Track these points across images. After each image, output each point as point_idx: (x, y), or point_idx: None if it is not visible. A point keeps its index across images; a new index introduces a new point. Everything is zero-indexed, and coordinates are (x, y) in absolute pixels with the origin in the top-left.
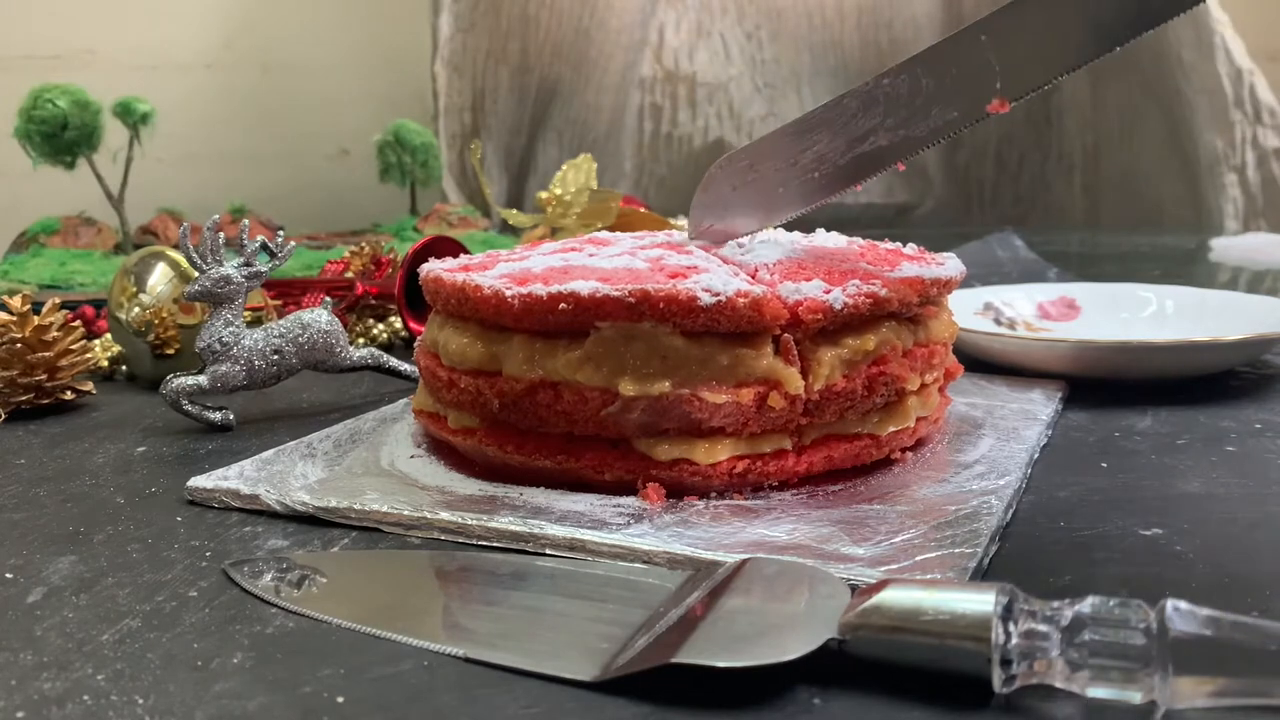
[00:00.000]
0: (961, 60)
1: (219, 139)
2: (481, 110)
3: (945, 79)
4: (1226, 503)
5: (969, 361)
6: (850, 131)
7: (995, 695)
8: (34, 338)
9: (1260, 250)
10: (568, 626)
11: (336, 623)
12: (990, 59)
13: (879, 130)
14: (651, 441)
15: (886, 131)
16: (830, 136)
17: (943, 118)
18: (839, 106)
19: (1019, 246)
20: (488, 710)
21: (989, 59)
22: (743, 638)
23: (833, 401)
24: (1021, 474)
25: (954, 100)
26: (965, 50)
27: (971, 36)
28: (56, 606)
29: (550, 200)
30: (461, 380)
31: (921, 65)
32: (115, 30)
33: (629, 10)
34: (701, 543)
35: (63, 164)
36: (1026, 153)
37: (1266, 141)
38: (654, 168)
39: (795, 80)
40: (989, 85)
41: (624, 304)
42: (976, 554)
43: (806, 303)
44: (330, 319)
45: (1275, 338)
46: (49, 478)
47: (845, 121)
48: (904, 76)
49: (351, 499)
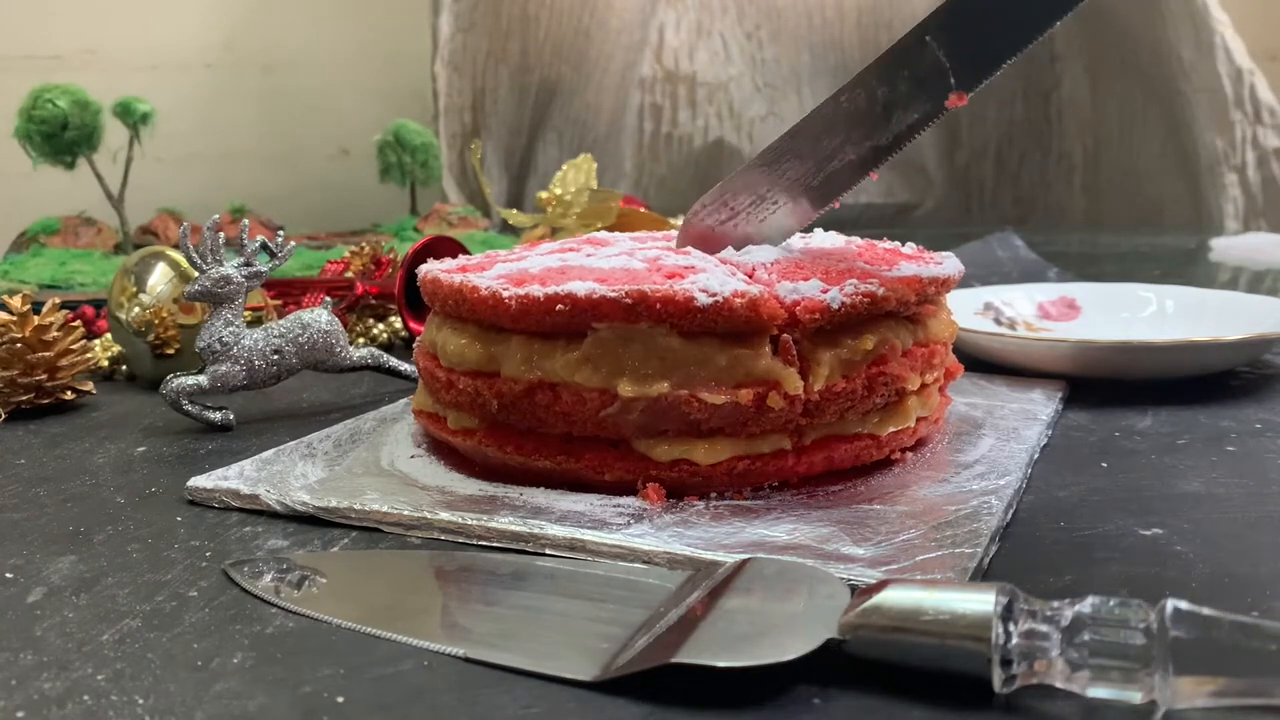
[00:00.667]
0: (912, 63)
1: (219, 139)
2: (481, 110)
3: (899, 84)
4: (1226, 503)
5: (969, 361)
6: (818, 153)
7: (995, 695)
8: (34, 338)
9: (1260, 250)
10: (568, 626)
11: (336, 623)
12: (939, 56)
13: (845, 146)
14: (651, 442)
15: (853, 145)
16: (799, 161)
17: (905, 122)
18: (803, 132)
19: (1019, 246)
20: (488, 710)
21: (938, 56)
22: (743, 638)
23: (832, 402)
24: (1021, 474)
25: (911, 103)
26: (913, 52)
27: (916, 38)
28: (56, 606)
29: (550, 200)
30: (460, 381)
31: (874, 75)
32: (115, 30)
33: (629, 10)
34: (701, 543)
35: (63, 164)
36: (1026, 153)
37: (1266, 141)
38: (654, 168)
39: (795, 80)
40: (943, 81)
41: (621, 305)
42: (976, 554)
43: (804, 302)
44: (330, 319)
45: (1275, 338)
46: (49, 478)
47: (811, 144)
48: (859, 90)
49: (351, 499)
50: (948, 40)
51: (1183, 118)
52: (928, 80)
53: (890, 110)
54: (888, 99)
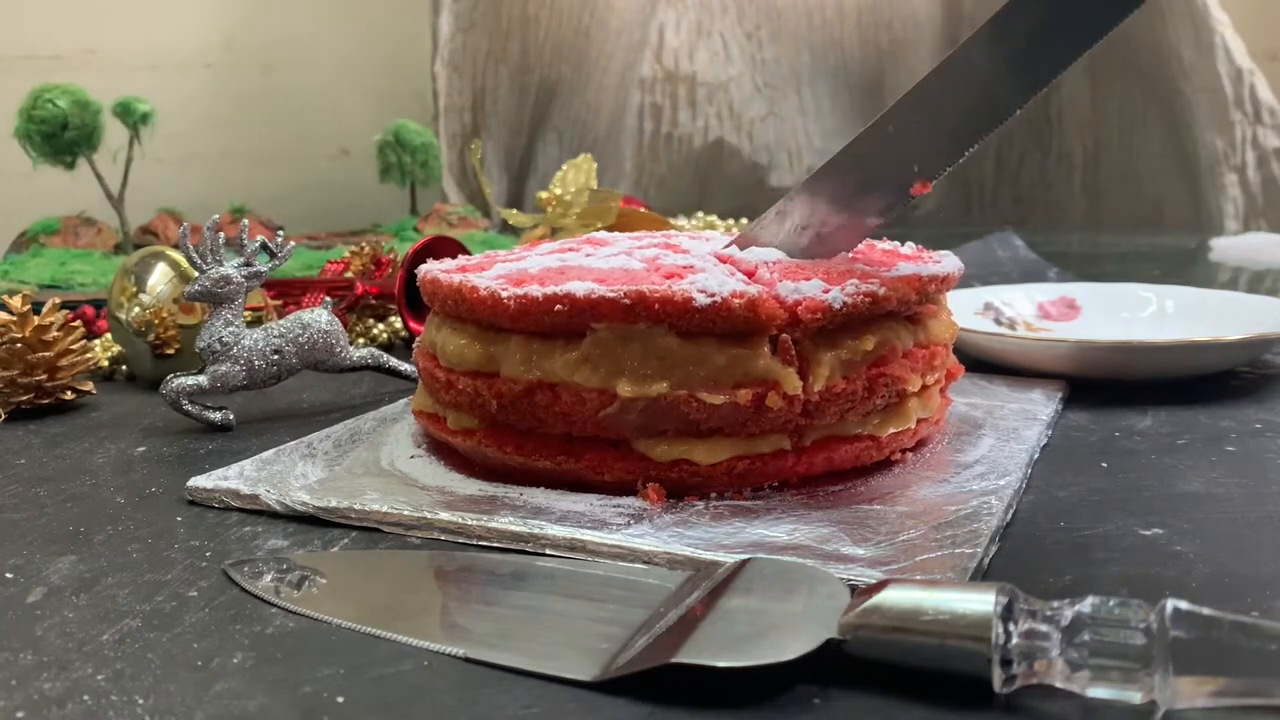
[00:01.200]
0: (877, 153)
1: (219, 139)
2: (481, 110)
3: (868, 172)
4: (1226, 503)
5: (969, 361)
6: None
7: (995, 695)
8: (34, 338)
9: (1260, 250)
10: (568, 626)
11: (336, 623)
12: (903, 148)
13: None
14: (651, 442)
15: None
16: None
17: (875, 206)
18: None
19: (1019, 246)
20: (488, 710)
21: (902, 148)
22: (743, 638)
23: (832, 403)
24: (1022, 474)
25: (879, 189)
26: (878, 143)
27: (880, 129)
28: (56, 606)
29: (550, 200)
30: (460, 381)
31: (845, 160)
32: (115, 30)
33: (629, 10)
34: (701, 543)
35: (63, 164)
36: (1026, 153)
37: (1266, 141)
38: (654, 168)
39: (795, 80)
40: (908, 171)
41: (619, 305)
42: (977, 554)
43: (806, 302)
44: (330, 319)
45: (1275, 338)
46: (49, 478)
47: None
48: (831, 177)
49: (351, 499)
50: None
51: (1183, 118)
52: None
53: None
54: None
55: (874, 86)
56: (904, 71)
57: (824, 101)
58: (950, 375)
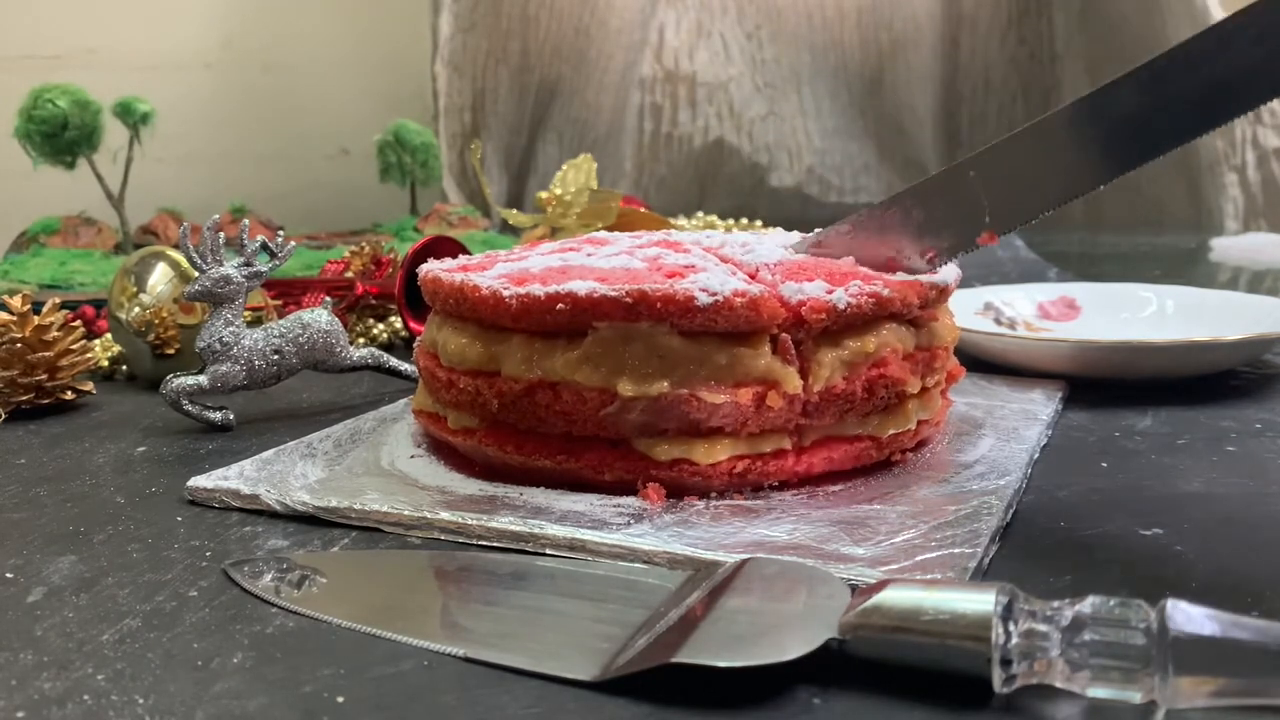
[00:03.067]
0: (950, 194)
1: (219, 139)
2: (481, 110)
3: (935, 211)
4: (1226, 503)
5: (969, 362)
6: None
7: (995, 695)
8: (34, 338)
9: (1260, 250)
10: (568, 626)
11: (336, 623)
12: (979, 195)
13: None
14: (651, 441)
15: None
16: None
17: (935, 247)
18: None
19: (1019, 246)
20: (488, 710)
21: (978, 194)
22: (743, 638)
23: (832, 403)
24: (1022, 474)
25: (943, 232)
26: (955, 185)
27: (961, 172)
28: (56, 606)
29: (550, 200)
30: (460, 380)
31: (912, 197)
32: (115, 30)
33: (629, 10)
34: (701, 543)
35: (63, 164)
36: None
37: (1266, 141)
38: (654, 168)
39: (795, 80)
40: (978, 219)
41: (621, 304)
42: (977, 554)
43: (810, 302)
44: (330, 319)
45: (1275, 338)
46: (49, 478)
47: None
48: (895, 208)
49: (351, 499)
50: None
51: None
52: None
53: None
54: (921, 221)
55: (874, 86)
56: (904, 71)
57: (824, 101)
58: (951, 377)
